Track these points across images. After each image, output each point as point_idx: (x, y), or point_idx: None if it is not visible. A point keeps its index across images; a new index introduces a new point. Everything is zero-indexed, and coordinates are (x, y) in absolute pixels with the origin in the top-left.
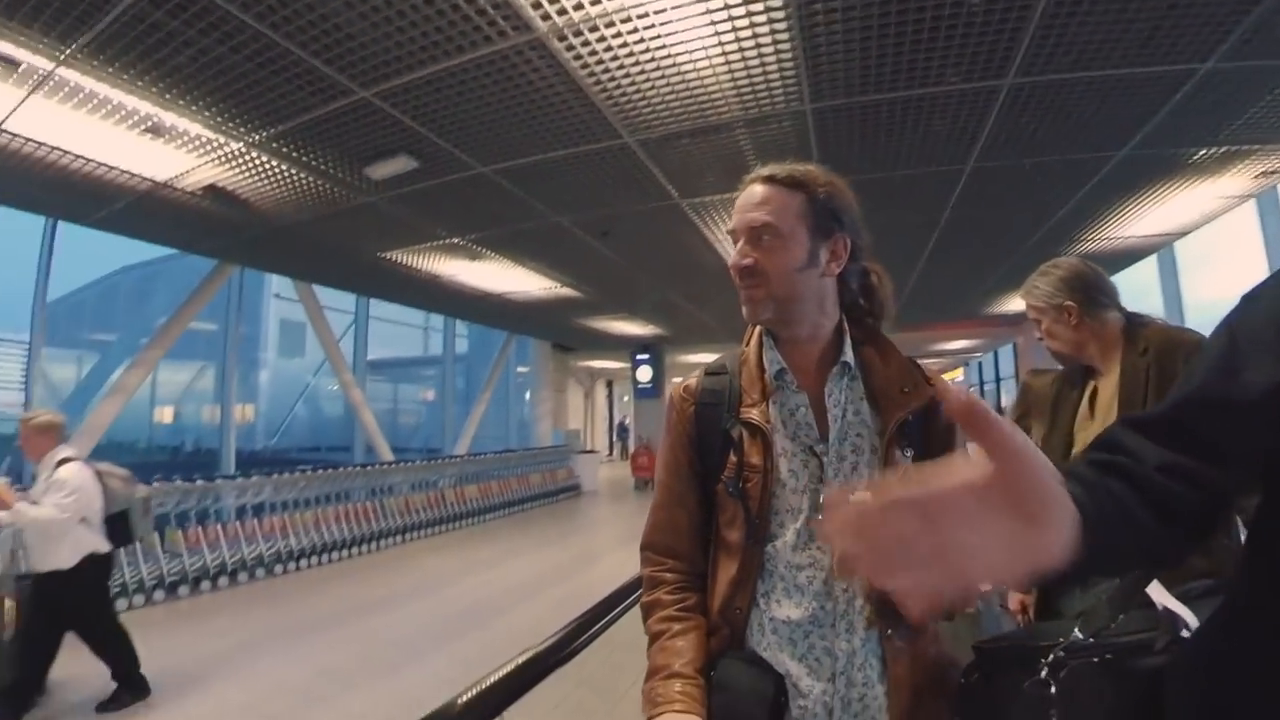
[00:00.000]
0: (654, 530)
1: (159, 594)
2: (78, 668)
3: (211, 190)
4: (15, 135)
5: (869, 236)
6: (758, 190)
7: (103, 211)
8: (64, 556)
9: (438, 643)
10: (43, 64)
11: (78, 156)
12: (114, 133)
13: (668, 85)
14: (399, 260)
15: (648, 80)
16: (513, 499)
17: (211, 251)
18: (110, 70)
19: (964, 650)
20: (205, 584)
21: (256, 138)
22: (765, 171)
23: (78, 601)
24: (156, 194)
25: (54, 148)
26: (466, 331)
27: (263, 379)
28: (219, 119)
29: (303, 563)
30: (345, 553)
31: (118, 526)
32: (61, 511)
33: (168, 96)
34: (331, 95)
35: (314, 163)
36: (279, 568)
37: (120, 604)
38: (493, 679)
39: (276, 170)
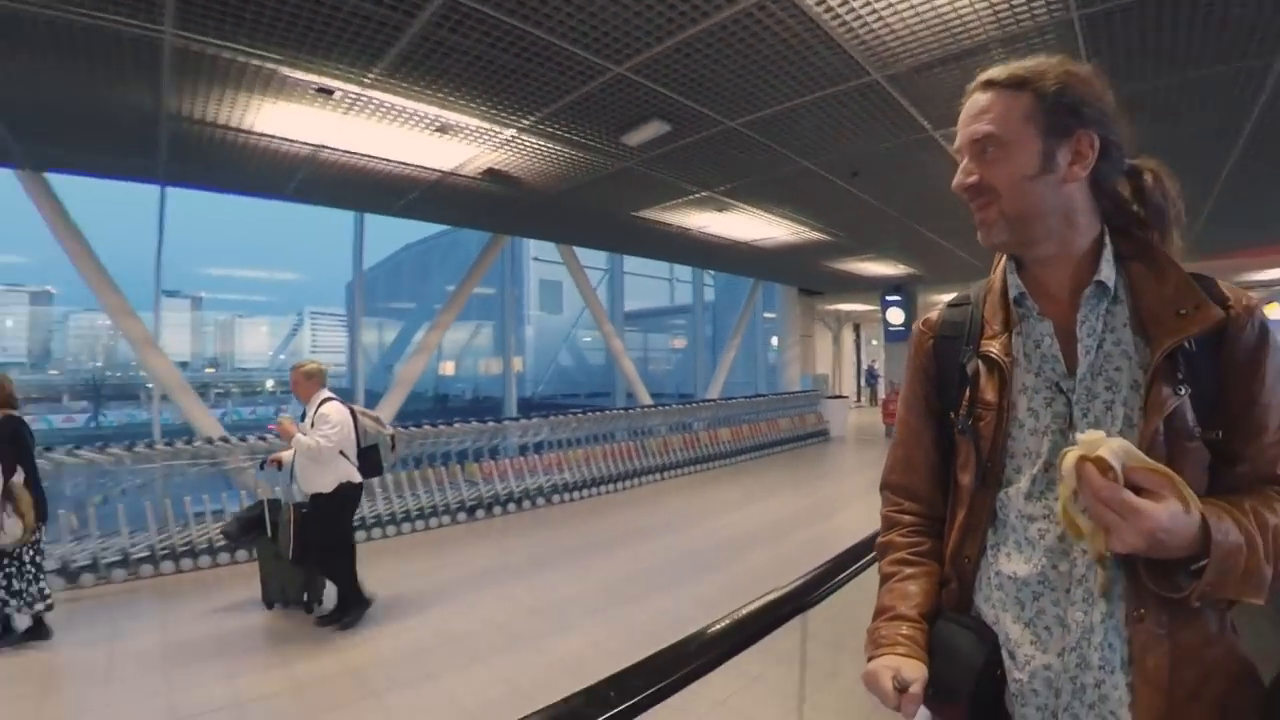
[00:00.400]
0: (892, 469)
1: (461, 516)
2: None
3: (490, 173)
4: (335, 149)
5: (1129, 130)
6: (979, 99)
7: (402, 201)
8: (325, 482)
9: (680, 578)
10: (353, 89)
11: (382, 159)
12: (409, 135)
13: (915, 15)
14: (652, 217)
15: (894, 12)
16: (762, 442)
17: (489, 226)
18: (404, 85)
19: (1266, 652)
20: (497, 509)
21: (526, 123)
22: (985, 76)
23: (328, 521)
24: (445, 182)
25: (364, 154)
26: (713, 281)
27: (528, 334)
28: (493, 111)
29: (574, 495)
30: (610, 487)
31: (369, 460)
32: (327, 441)
33: (451, 99)
34: (589, 76)
35: (576, 138)
36: (556, 498)
37: (433, 522)
38: (743, 612)
39: (544, 149)
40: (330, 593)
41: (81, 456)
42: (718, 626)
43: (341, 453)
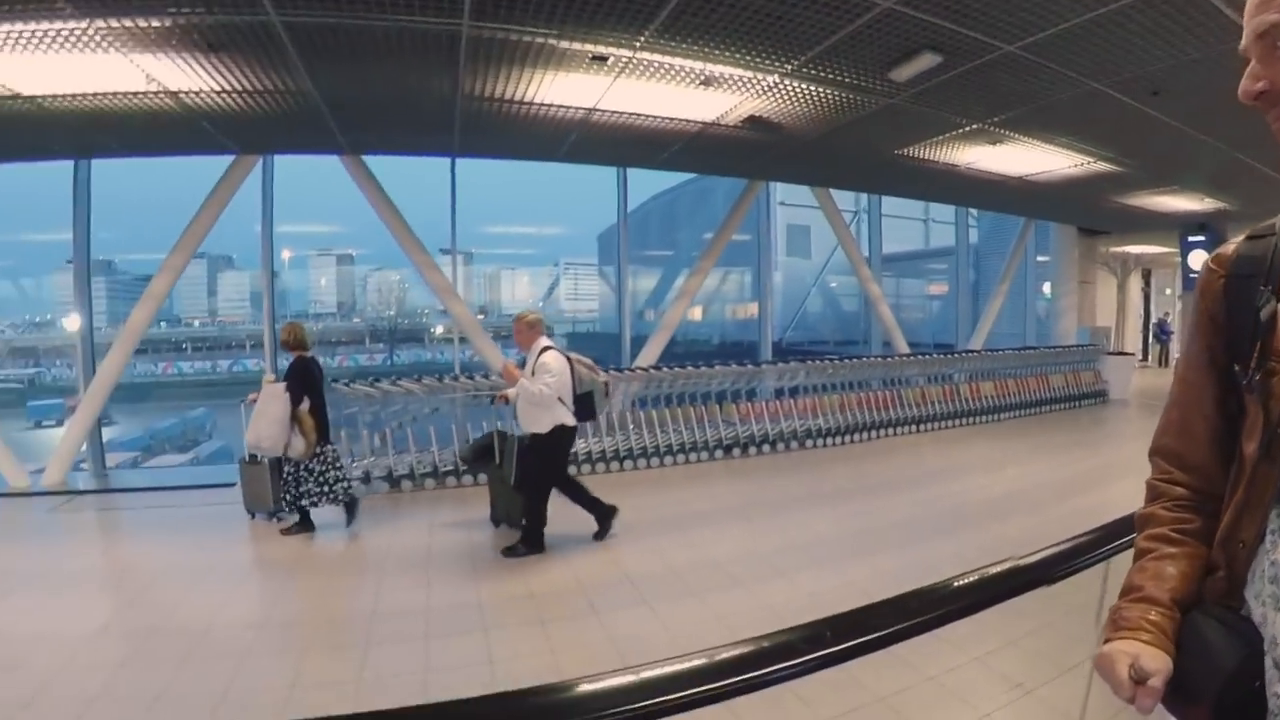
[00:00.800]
0: (1162, 432)
1: (719, 454)
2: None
3: (751, 120)
4: (606, 111)
5: None
6: None
7: (664, 154)
8: (543, 424)
9: (927, 534)
10: (624, 54)
11: (648, 116)
12: (674, 91)
13: None
14: (917, 155)
15: None
16: (1029, 400)
17: (745, 172)
18: (672, 44)
19: None
20: (751, 450)
21: (789, 68)
22: None
23: (543, 459)
24: (706, 133)
25: (631, 113)
26: (977, 221)
27: (775, 279)
28: (757, 59)
29: (827, 441)
30: (864, 435)
31: (584, 404)
32: (548, 388)
33: (716, 52)
34: (856, 12)
35: (841, 78)
36: (809, 443)
37: (692, 457)
38: (992, 571)
39: (807, 92)
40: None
41: (378, 389)
42: (939, 588)
43: (559, 399)
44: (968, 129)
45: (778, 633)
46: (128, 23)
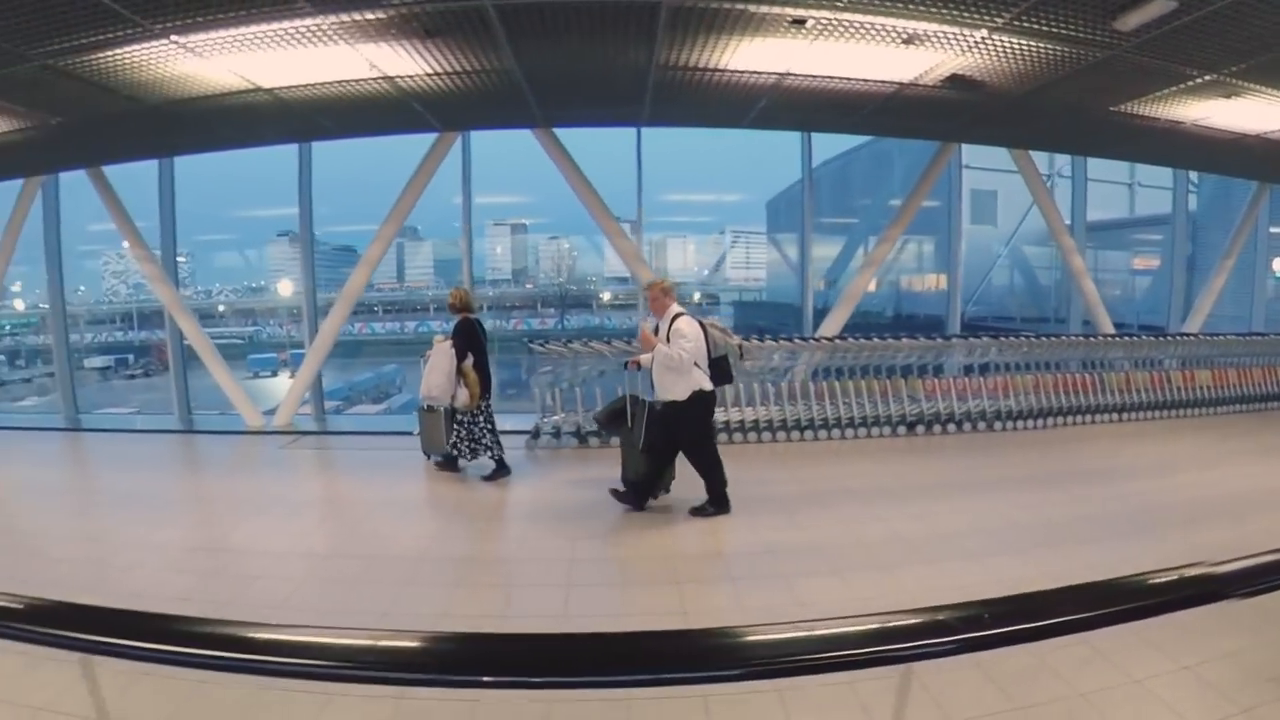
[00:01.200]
0: None
1: (901, 429)
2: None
3: (953, 79)
4: (799, 75)
5: None
6: None
7: (853, 117)
8: (680, 390)
9: (1101, 536)
10: (825, 15)
11: (842, 79)
12: (873, 51)
13: None
14: (1135, 111)
15: None
16: (1254, 394)
17: (940, 135)
18: (875, 3)
19: None
20: (936, 428)
21: (1000, 21)
22: None
23: (687, 427)
24: (901, 94)
25: (826, 76)
26: (1197, 186)
27: (959, 249)
28: (965, 14)
29: (1017, 423)
30: (1058, 420)
31: (719, 369)
32: (685, 353)
33: (920, 8)
34: None
35: (1057, 29)
36: (997, 424)
37: (874, 431)
38: (1135, 581)
39: (1017, 46)
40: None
41: (570, 349)
42: (1104, 587)
43: (695, 364)
44: (1199, 80)
45: (936, 607)
46: (356, 16)
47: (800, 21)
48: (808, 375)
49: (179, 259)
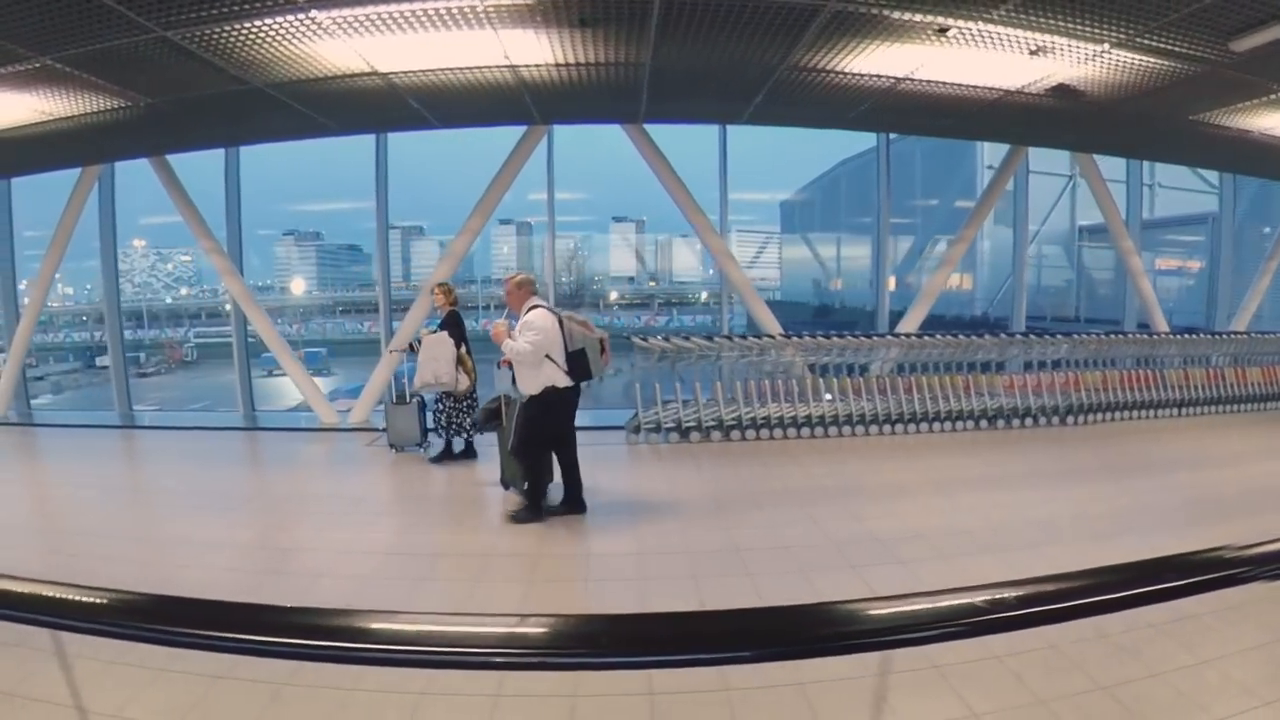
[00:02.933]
0: None
1: (983, 423)
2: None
3: (1057, 88)
4: (917, 80)
5: None
6: None
7: (943, 122)
8: (534, 385)
9: (1174, 523)
10: (969, 25)
11: (954, 85)
12: (995, 59)
13: None
14: (1211, 121)
15: None
16: None
17: (1016, 138)
18: (1024, 16)
19: None
20: (1015, 422)
21: (1121, 36)
22: None
23: (531, 419)
24: (1003, 101)
25: (941, 82)
26: (1215, 187)
27: (982, 248)
28: (1097, 29)
29: (1086, 418)
30: (1124, 415)
31: (577, 363)
32: (528, 345)
33: (1059, 23)
34: None
35: (1173, 47)
36: (1070, 419)
37: (957, 425)
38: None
39: (1127, 61)
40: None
41: (672, 343)
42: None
43: (549, 357)
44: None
45: (968, 588)
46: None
47: (944, 29)
48: (887, 370)
49: (184, 257)
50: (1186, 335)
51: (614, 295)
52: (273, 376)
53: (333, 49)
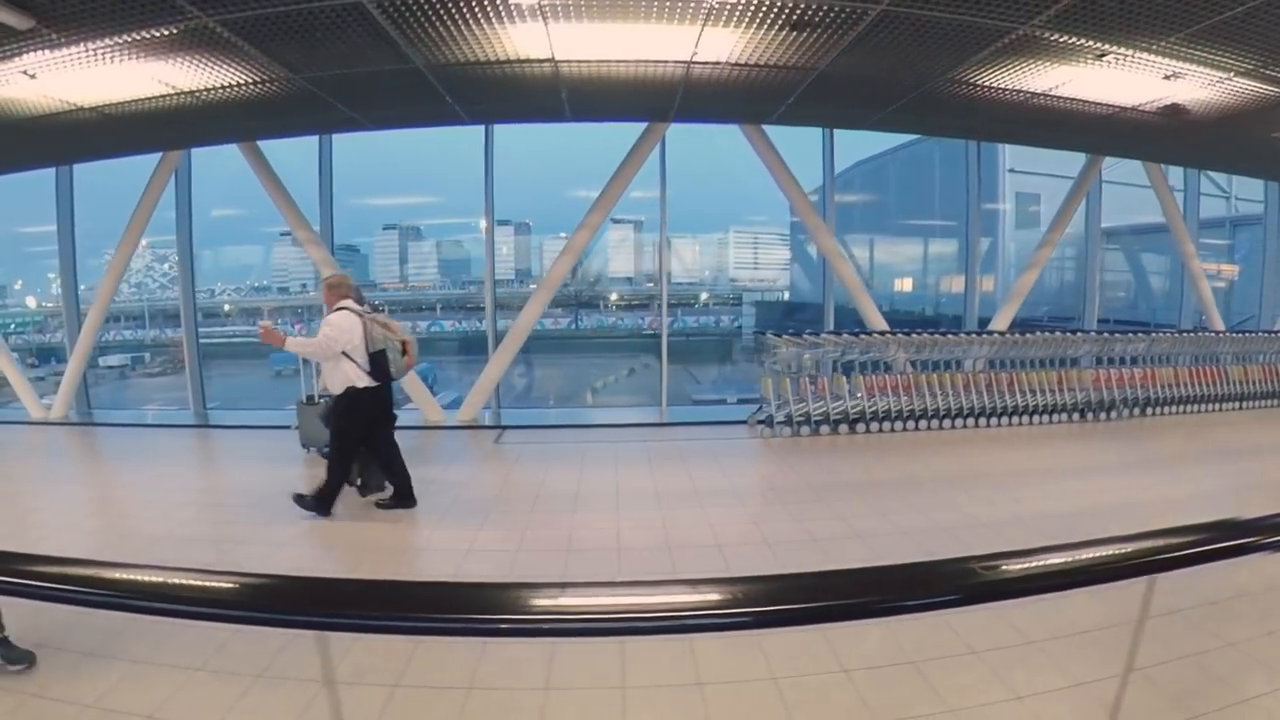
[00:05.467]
0: None
1: (1075, 416)
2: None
3: (1169, 107)
4: (1050, 96)
5: None
6: None
7: (1054, 132)
8: (334, 383)
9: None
10: (1127, 52)
11: (1081, 101)
12: (1128, 79)
13: None
14: None
15: None
16: None
17: (1103, 149)
18: (1180, 48)
19: None
20: (1102, 415)
21: (1249, 65)
22: None
23: (338, 418)
24: (1117, 116)
25: (1071, 99)
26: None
27: (1005, 251)
28: (1228, 60)
29: (1160, 410)
30: (1196, 408)
31: (377, 364)
32: (321, 339)
33: (1202, 54)
34: None
35: None
36: (1150, 410)
37: (1052, 419)
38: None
39: (1242, 87)
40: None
41: (805, 340)
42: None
43: (348, 355)
44: None
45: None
46: None
47: (1103, 54)
48: (979, 366)
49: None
50: (1242, 334)
51: (614, 296)
52: (280, 377)
53: (523, 31)
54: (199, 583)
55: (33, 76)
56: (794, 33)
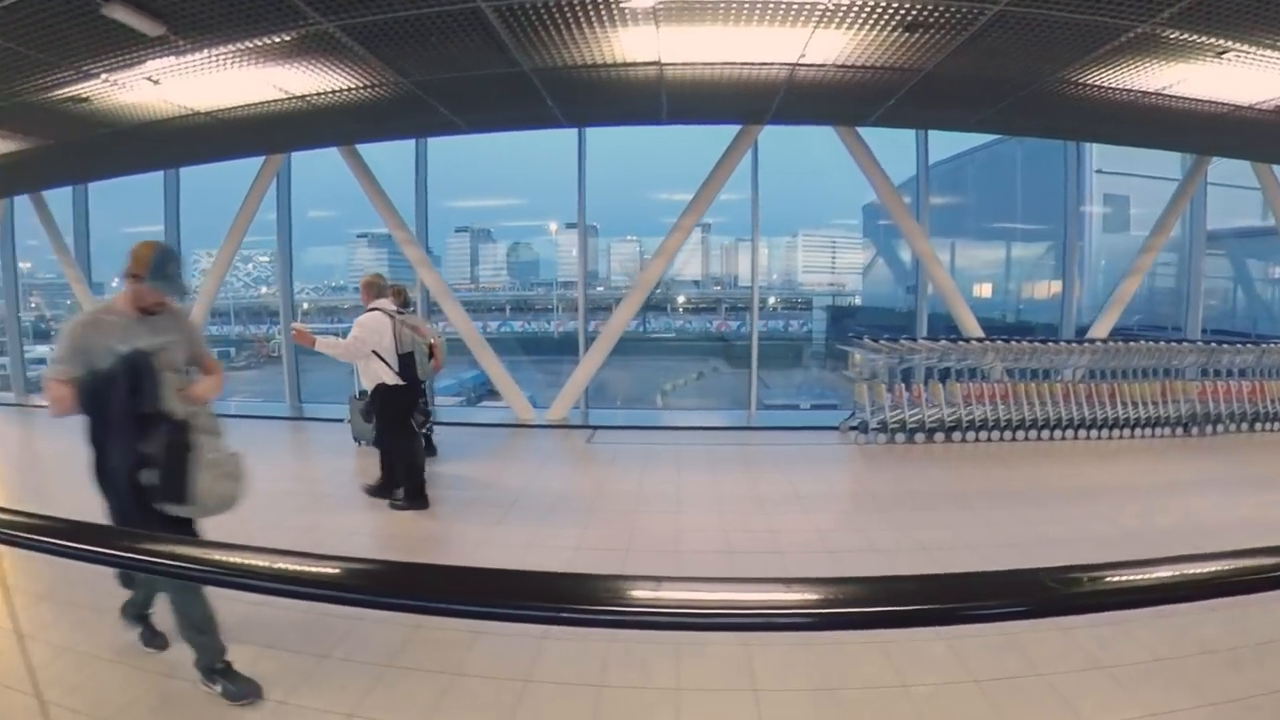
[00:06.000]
0: None
1: (1178, 430)
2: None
3: None
4: (1166, 95)
5: None
6: None
7: (1160, 133)
8: (367, 381)
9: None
10: (1249, 49)
11: (1197, 100)
12: (1245, 75)
13: None
14: None
15: None
16: None
17: (1208, 149)
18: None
19: None
20: (1208, 429)
21: None
22: None
23: (378, 416)
24: (1231, 114)
25: (1187, 98)
26: None
27: (1093, 254)
28: None
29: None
30: None
31: (405, 364)
32: (350, 340)
33: None
34: None
35: None
36: (1257, 426)
37: (1158, 432)
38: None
39: None
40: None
41: (903, 345)
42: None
43: (378, 355)
44: None
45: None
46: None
47: (1223, 52)
48: (1078, 376)
49: (262, 258)
50: None
51: (681, 299)
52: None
53: (633, 34)
54: (304, 568)
55: (156, 82)
56: (906, 34)
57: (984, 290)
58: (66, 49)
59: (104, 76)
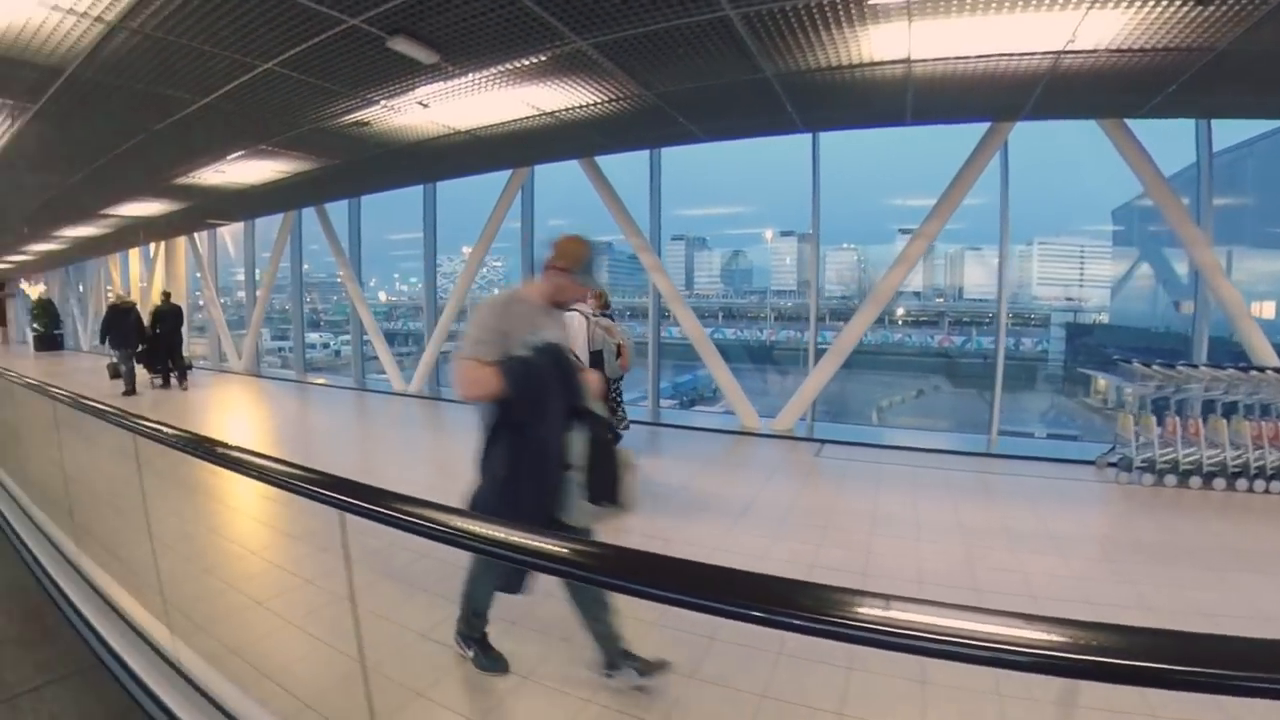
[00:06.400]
0: None
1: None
2: None
3: None
4: None
5: None
6: None
7: None
8: None
9: None
10: None
11: None
12: None
13: None
14: None
15: None
16: None
17: None
18: None
19: None
20: None
21: None
22: None
23: None
24: None
25: None
26: None
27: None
28: None
29: None
30: None
31: (595, 361)
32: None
33: None
34: None
35: None
36: None
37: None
38: None
39: None
40: None
41: (1179, 372)
42: None
43: (573, 352)
44: None
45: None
46: None
47: None
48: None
49: (495, 262)
50: None
51: (900, 311)
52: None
53: (883, 32)
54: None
55: (425, 105)
56: (1199, 7)
57: (1264, 310)
58: (354, 79)
59: (382, 102)
